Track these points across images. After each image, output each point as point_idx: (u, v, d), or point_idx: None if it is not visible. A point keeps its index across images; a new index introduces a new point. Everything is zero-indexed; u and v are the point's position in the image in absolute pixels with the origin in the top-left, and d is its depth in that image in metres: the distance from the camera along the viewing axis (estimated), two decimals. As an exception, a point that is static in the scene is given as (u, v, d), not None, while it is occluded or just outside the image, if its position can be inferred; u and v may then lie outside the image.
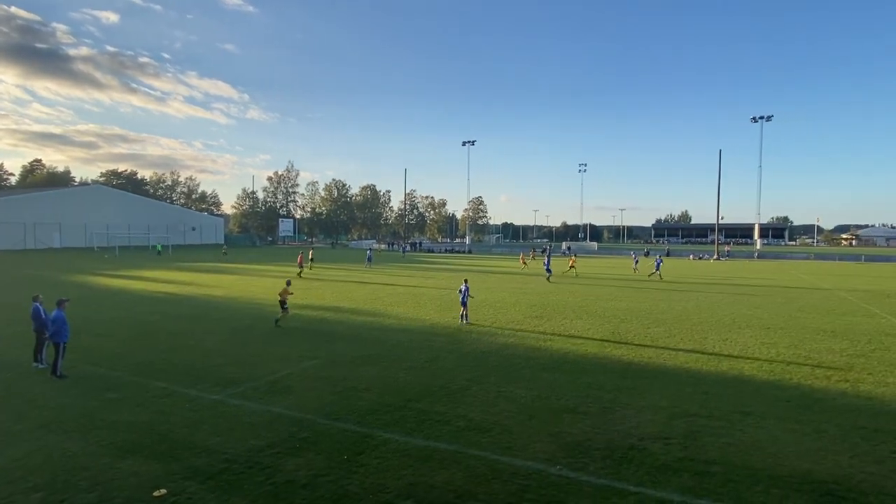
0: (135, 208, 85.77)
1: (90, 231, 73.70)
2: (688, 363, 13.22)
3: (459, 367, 12.65)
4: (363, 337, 16.03)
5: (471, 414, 9.43)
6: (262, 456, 7.68)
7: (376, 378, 11.64)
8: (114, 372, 11.96)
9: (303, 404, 9.90)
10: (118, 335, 15.88)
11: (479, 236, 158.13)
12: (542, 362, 13.11)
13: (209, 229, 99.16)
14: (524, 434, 8.55)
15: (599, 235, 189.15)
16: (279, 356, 13.54)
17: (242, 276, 35.94)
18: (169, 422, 8.99)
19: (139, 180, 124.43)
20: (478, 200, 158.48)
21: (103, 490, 6.65)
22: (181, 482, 6.87)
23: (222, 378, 11.54)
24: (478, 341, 15.57)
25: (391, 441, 8.24)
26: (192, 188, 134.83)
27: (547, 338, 16.11)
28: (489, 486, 6.84)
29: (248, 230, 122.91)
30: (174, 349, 14.22)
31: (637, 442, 8.26)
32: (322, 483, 6.88)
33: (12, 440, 8.08)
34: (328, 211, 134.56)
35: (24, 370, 12.09)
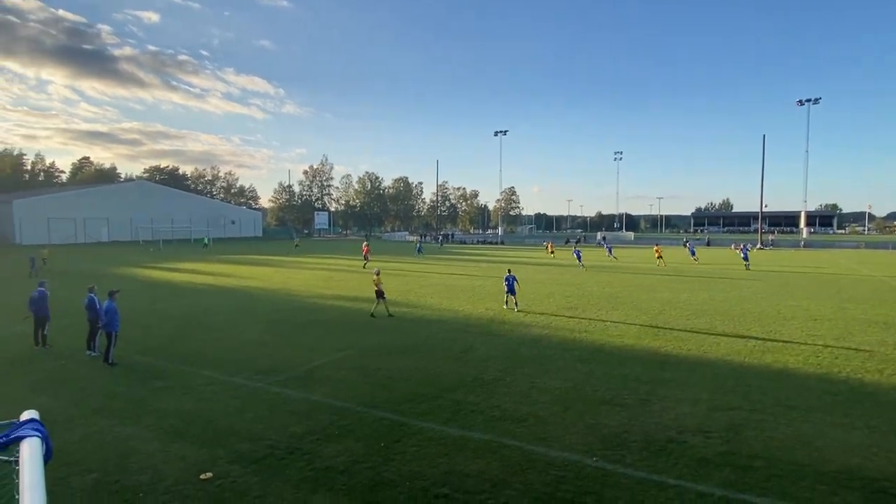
0: (177, 203, 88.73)
1: (135, 225, 76.76)
2: (729, 355, 12.87)
3: (493, 357, 12.67)
4: (397, 328, 16.23)
5: (505, 404, 9.45)
6: (302, 442, 7.91)
7: (411, 368, 11.79)
8: (161, 361, 12.50)
9: (340, 393, 10.13)
10: (164, 326, 16.55)
11: (512, 227, 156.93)
12: (577, 353, 12.99)
13: (248, 223, 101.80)
14: (559, 425, 8.52)
15: (636, 225, 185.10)
16: (316, 346, 13.86)
17: (280, 269, 36.80)
18: (213, 409, 9.36)
19: (181, 175, 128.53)
20: (510, 191, 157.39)
21: (153, 473, 6.99)
22: (226, 466, 7.15)
23: (263, 367, 11.91)
24: (511, 332, 15.55)
25: (427, 430, 8.35)
26: (230, 183, 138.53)
27: (582, 329, 15.95)
28: (524, 476, 6.86)
29: (284, 223, 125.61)
30: (217, 339, 14.73)
31: (676, 435, 8.12)
32: (360, 469, 7.05)
33: (68, 424, 8.56)
34: (362, 203, 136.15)
35: (78, 358, 12.76)
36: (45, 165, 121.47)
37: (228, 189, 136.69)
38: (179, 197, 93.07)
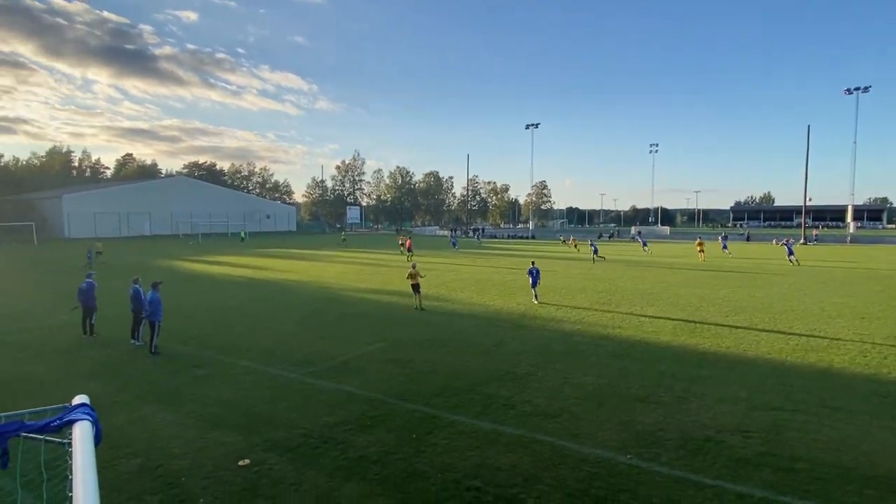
0: (215, 197, 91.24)
1: (176, 219, 79.36)
2: (770, 354, 12.45)
3: (524, 352, 12.60)
4: (428, 321, 16.31)
5: (536, 399, 9.40)
6: (335, 432, 8.05)
7: (442, 362, 11.84)
8: (200, 351, 12.91)
9: (373, 385, 10.26)
10: (203, 317, 17.08)
11: (543, 221, 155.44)
12: (611, 349, 12.80)
13: (282, 217, 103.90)
14: (592, 421, 8.42)
15: (672, 219, 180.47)
16: (349, 339, 14.06)
17: (314, 262, 37.46)
18: (251, 397, 9.62)
19: (218, 171, 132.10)
20: (541, 185, 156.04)
21: (194, 458, 7.23)
22: (262, 454, 7.35)
23: (298, 358, 12.16)
24: (543, 327, 15.42)
25: (458, 423, 8.38)
26: (266, 178, 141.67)
27: (615, 324, 15.69)
28: (556, 471, 6.81)
29: (317, 218, 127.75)
30: (254, 330, 15.12)
31: (714, 434, 7.92)
32: (392, 460, 7.13)
33: (114, 409, 8.93)
34: (393, 198, 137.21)
35: (123, 347, 13.30)
36: (91, 162, 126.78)
37: (264, 184, 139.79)
38: (217, 192, 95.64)
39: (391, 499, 6.21)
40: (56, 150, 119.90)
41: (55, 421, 3.02)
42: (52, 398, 8.45)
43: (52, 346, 13.41)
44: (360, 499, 6.21)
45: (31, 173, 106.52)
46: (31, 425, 3.03)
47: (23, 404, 8.09)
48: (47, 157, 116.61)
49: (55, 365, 11.81)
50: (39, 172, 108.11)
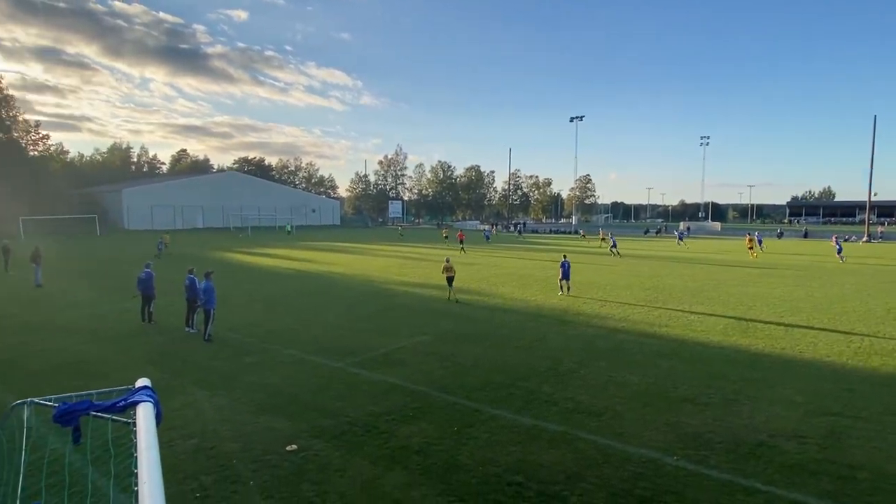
0: (263, 192, 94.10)
1: (227, 213, 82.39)
2: (829, 356, 11.82)
3: (567, 349, 12.44)
4: (469, 316, 16.33)
5: (579, 397, 9.27)
6: (379, 421, 8.20)
7: (483, 356, 11.84)
8: (250, 339, 13.39)
9: (415, 377, 10.38)
10: (252, 306, 17.69)
11: (587, 216, 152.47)
12: (657, 348, 12.46)
13: (327, 211, 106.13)
14: (637, 421, 8.24)
15: (723, 214, 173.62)
16: (392, 331, 14.26)
17: (357, 255, 38.13)
18: (297, 385, 9.92)
19: (266, 166, 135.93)
20: (585, 179, 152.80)
21: (245, 441, 7.53)
22: (309, 440, 7.57)
23: (342, 348, 12.44)
24: (586, 324, 15.17)
25: (499, 417, 8.38)
26: (311, 173, 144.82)
27: (662, 322, 15.26)
28: (600, 470, 6.71)
29: (360, 212, 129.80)
30: (300, 320, 15.56)
31: (767, 438, 7.60)
32: (434, 451, 7.21)
33: (171, 393, 9.38)
34: (434, 192, 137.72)
35: (178, 334, 13.95)
36: (149, 157, 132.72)
37: (309, 179, 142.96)
38: (265, 186, 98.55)
39: (433, 489, 6.28)
40: (117, 146, 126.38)
41: (121, 401, 3.21)
42: (114, 380, 8.93)
43: (114, 331, 14.21)
44: (402, 487, 6.31)
45: (94, 168, 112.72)
46: (99, 405, 3.23)
47: (88, 385, 8.62)
48: (109, 153, 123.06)
49: (117, 349, 12.52)
50: (102, 168, 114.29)
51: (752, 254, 36.34)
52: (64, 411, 3.14)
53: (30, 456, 3.57)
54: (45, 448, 5.24)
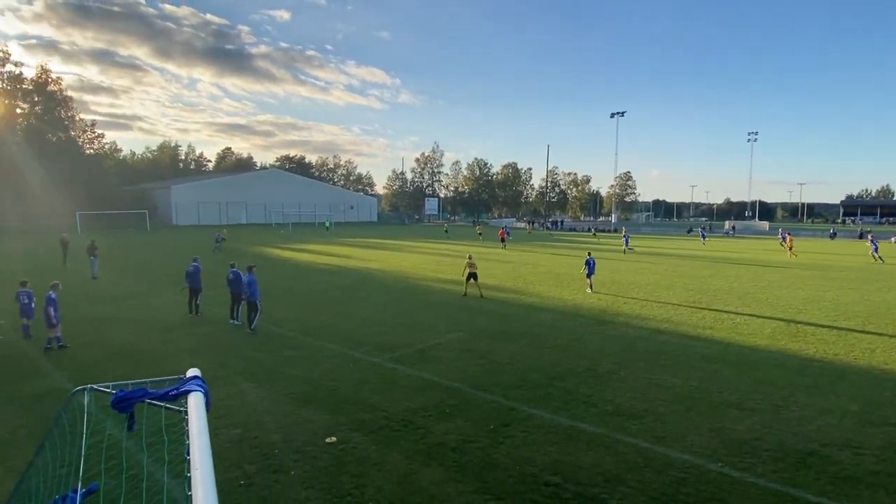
0: (304, 189, 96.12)
1: (269, 209, 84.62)
2: (888, 364, 11.19)
3: (605, 349, 12.22)
4: (505, 314, 16.24)
5: (619, 399, 9.09)
6: (415, 417, 8.27)
7: (519, 354, 11.76)
8: (291, 332, 13.72)
9: (450, 373, 10.41)
10: (293, 300, 18.12)
11: (627, 214, 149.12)
12: (701, 351, 12.08)
13: (364, 208, 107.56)
14: (680, 425, 8.02)
15: (771, 213, 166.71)
16: (427, 327, 14.34)
17: (394, 252, 38.49)
18: (337, 379, 10.10)
19: (307, 164, 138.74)
20: (625, 176, 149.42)
21: (286, 432, 7.73)
22: (348, 433, 7.70)
23: (379, 343, 12.60)
24: (626, 324, 14.85)
25: (536, 417, 8.31)
26: (350, 170, 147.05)
27: (706, 325, 14.79)
28: (641, 473, 6.57)
29: (397, 209, 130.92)
30: (338, 315, 15.83)
31: (818, 448, 7.27)
32: (470, 449, 7.21)
33: (216, 383, 9.70)
34: (470, 189, 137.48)
35: (223, 326, 14.43)
36: (196, 155, 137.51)
37: (348, 176, 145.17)
38: (306, 184, 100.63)
39: (469, 486, 6.29)
40: (165, 144, 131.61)
41: (173, 390, 3.33)
42: (163, 370, 9.29)
43: (163, 322, 14.82)
44: (438, 483, 6.34)
45: (144, 166, 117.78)
46: (153, 393, 3.37)
47: (140, 374, 9.01)
48: (158, 151, 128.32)
49: (165, 339, 13.05)
50: (152, 165, 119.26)
51: (791, 254, 35.80)
52: (121, 398, 3.29)
53: (89, 440, 3.76)
54: (104, 433, 5.52)
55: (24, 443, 7.33)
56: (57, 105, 73.64)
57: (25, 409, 8.56)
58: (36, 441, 7.24)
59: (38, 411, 8.44)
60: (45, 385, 9.75)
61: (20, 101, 71.03)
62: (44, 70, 72.97)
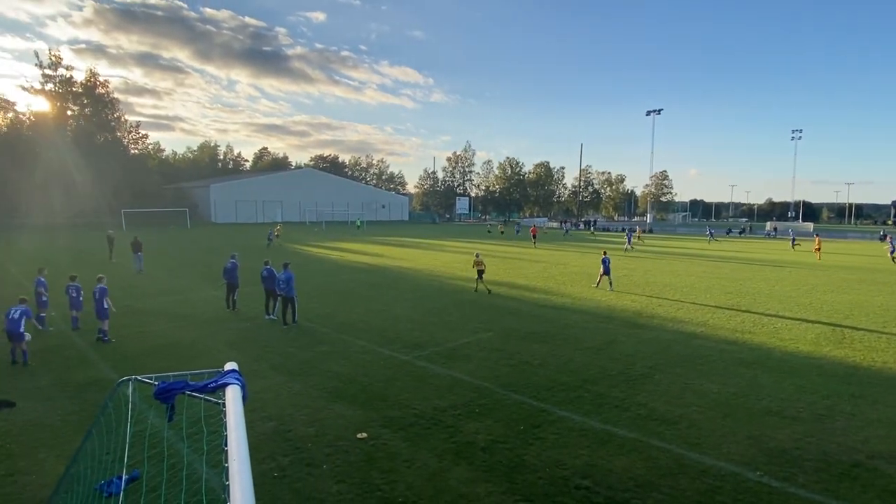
0: (337, 188, 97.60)
1: (303, 208, 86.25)
2: (943, 374, 10.61)
3: (639, 352, 11.98)
4: (535, 314, 16.11)
5: (652, 403, 8.91)
6: (445, 415, 8.29)
7: (550, 356, 11.65)
8: (323, 329, 13.95)
9: (480, 373, 10.39)
10: (326, 298, 18.42)
11: (662, 214, 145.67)
12: (740, 357, 11.71)
13: (396, 207, 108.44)
14: (716, 432, 7.80)
15: (816, 214, 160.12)
16: (457, 326, 14.36)
17: (425, 251, 38.67)
18: (368, 375, 10.22)
19: (340, 163, 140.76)
20: (661, 175, 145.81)
21: (319, 427, 7.87)
22: (378, 429, 7.79)
23: (410, 341, 12.69)
24: (660, 328, 14.53)
25: (567, 419, 8.22)
26: (382, 170, 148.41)
27: (745, 329, 14.33)
28: (674, 480, 6.42)
29: (428, 208, 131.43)
30: (370, 312, 16.02)
31: (865, 459, 6.95)
32: (500, 449, 7.19)
33: (252, 377, 9.95)
34: (501, 189, 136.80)
35: (259, 321, 14.79)
36: (234, 155, 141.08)
37: (380, 175, 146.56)
38: (339, 183, 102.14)
39: (498, 486, 6.27)
40: (205, 144, 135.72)
41: (212, 383, 3.45)
42: (202, 363, 9.57)
43: (202, 317, 15.29)
44: (467, 483, 6.35)
45: (185, 165, 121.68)
46: (193, 385, 3.49)
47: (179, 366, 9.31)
48: (198, 151, 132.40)
49: (204, 333, 13.46)
50: (192, 164, 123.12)
51: (818, 255, 35.80)
52: (163, 389, 3.42)
53: (133, 429, 3.91)
54: (146, 423, 5.75)
55: (73, 429, 7.68)
56: (104, 107, 76.85)
57: (74, 398, 8.98)
58: (84, 428, 7.60)
59: (86, 399, 8.83)
60: (92, 374, 10.20)
61: (70, 103, 74.43)
62: (92, 73, 76.30)
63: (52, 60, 72.17)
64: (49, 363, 10.89)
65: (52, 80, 72.23)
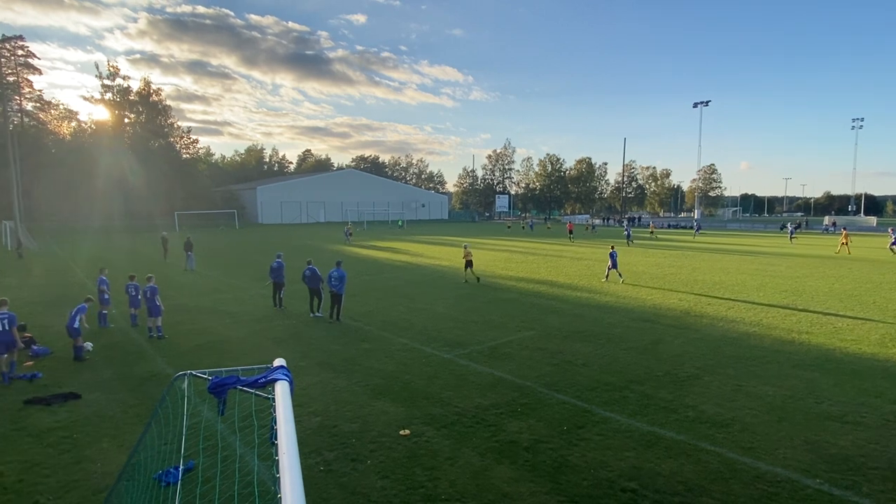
0: (377, 188, 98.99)
1: (345, 208, 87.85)
2: None
3: (687, 353, 11.60)
4: (578, 313, 15.85)
5: (702, 405, 8.61)
6: (487, 414, 8.28)
7: (593, 355, 11.44)
8: (366, 326, 14.18)
9: (522, 372, 10.31)
10: (368, 296, 18.70)
11: (711, 210, 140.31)
12: (796, 358, 11.17)
13: (435, 206, 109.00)
14: (771, 436, 7.47)
15: (880, 208, 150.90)
16: (498, 324, 14.30)
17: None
18: (410, 373, 10.32)
19: (380, 163, 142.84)
20: (709, 169, 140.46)
21: (363, 423, 8.00)
22: (420, 426, 7.85)
23: (451, 340, 12.73)
24: (710, 326, 14.03)
25: (612, 420, 8.05)
26: (421, 169, 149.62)
27: (802, 329, 13.65)
28: (726, 485, 6.19)
29: (467, 206, 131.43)
30: (411, 310, 16.16)
31: (938, 469, 6.50)
32: (543, 449, 7.12)
33: (299, 373, 10.22)
34: (542, 186, 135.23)
35: (304, 319, 15.16)
36: (279, 157, 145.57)
37: (419, 175, 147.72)
38: (379, 183, 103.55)
39: (542, 486, 6.21)
40: (252, 147, 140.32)
41: (262, 378, 3.56)
42: (250, 359, 9.87)
43: (250, 315, 15.81)
44: (510, 482, 6.32)
45: (234, 168, 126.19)
46: (244, 380, 3.62)
47: (229, 362, 9.63)
48: (245, 154, 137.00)
49: (252, 330, 13.92)
50: (240, 167, 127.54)
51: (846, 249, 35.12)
52: (216, 384, 3.56)
53: (189, 421, 4.09)
54: (200, 416, 6.01)
55: (133, 420, 8.10)
56: (158, 114, 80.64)
57: (134, 390, 9.46)
58: (142, 419, 8.00)
59: (145, 392, 9.29)
60: (150, 369, 10.71)
61: (127, 111, 78.47)
62: (147, 82, 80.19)
63: (110, 71, 76.40)
64: (110, 358, 11.51)
65: (110, 90, 76.41)
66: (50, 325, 13.79)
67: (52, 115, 77.11)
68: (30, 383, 9.87)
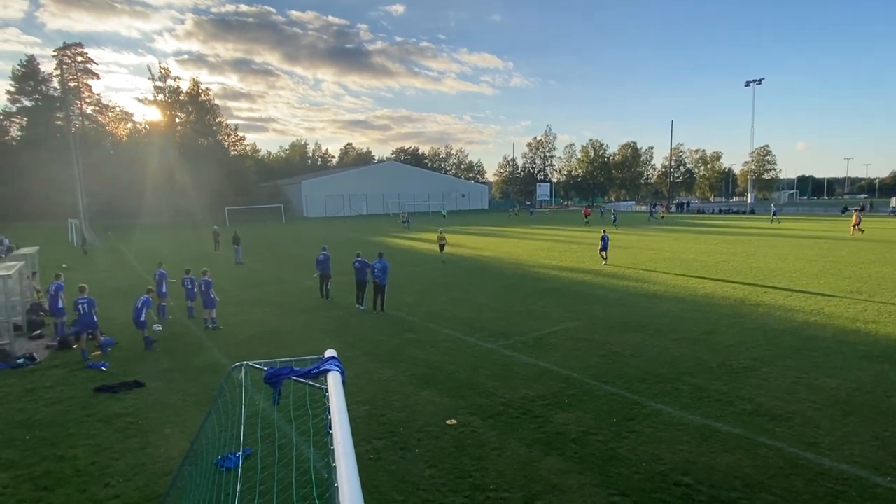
0: (417, 179, 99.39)
1: (386, 200, 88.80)
2: None
3: (743, 343, 11.16)
4: (625, 302, 15.49)
5: (759, 398, 8.27)
6: (533, 405, 8.23)
7: (642, 346, 11.17)
8: (410, 317, 14.32)
9: (568, 363, 10.19)
10: (412, 287, 18.87)
11: (765, 193, 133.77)
12: (862, 349, 10.56)
13: (475, 196, 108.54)
14: (835, 431, 7.10)
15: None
16: (542, 314, 14.15)
17: (506, 239, 38.42)
18: (454, 363, 10.37)
19: (420, 155, 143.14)
20: (763, 150, 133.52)
21: (410, 412, 8.11)
22: (467, 416, 7.89)
23: (494, 330, 12.70)
24: (767, 316, 13.43)
25: (663, 412, 7.85)
26: (461, 159, 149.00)
27: (868, 318, 12.88)
28: (787, 481, 5.93)
29: (508, 196, 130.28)
30: (454, 301, 16.21)
31: None
32: (592, 441, 7.02)
33: (347, 363, 10.31)
34: (584, 173, 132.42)
35: (350, 310, 15.46)
36: (321, 152, 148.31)
37: (459, 165, 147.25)
38: (420, 174, 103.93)
39: (591, 479, 6.13)
40: (296, 143, 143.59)
41: (314, 369, 3.64)
42: (301, 349, 10.15)
43: (298, 306, 16.25)
44: (559, 474, 6.27)
45: (279, 163, 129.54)
46: (298, 371, 3.71)
47: (281, 352, 9.95)
48: (290, 149, 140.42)
49: (302, 321, 14.31)
50: (285, 162, 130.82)
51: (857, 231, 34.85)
52: (271, 374, 3.68)
53: (246, 410, 4.24)
54: (257, 405, 6.23)
55: (193, 408, 8.49)
56: (207, 113, 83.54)
57: (193, 380, 9.91)
58: (202, 407, 8.37)
59: (203, 381, 9.71)
60: (207, 359, 11.19)
61: (178, 111, 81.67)
62: (195, 82, 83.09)
63: (161, 73, 79.56)
64: (170, 349, 12.09)
65: (162, 91, 79.64)
66: (115, 317, 14.59)
67: (110, 118, 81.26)
68: (99, 373, 10.50)
